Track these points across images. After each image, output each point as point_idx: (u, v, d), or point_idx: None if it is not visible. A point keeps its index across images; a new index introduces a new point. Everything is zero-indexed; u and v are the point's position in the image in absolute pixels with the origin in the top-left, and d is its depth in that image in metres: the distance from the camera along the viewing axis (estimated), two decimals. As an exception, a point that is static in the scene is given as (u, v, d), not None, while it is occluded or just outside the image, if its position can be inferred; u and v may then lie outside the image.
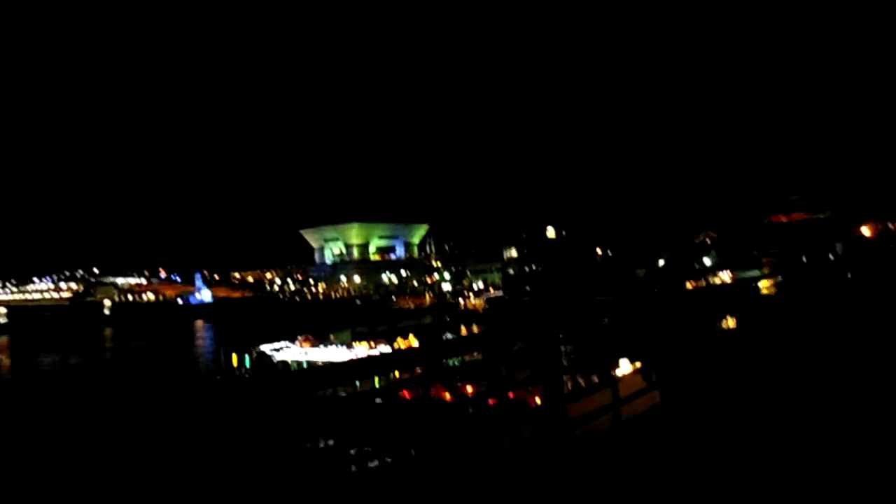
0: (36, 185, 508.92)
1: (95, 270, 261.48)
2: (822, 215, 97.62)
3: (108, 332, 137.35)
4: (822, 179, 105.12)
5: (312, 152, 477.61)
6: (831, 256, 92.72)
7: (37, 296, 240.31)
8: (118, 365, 76.23)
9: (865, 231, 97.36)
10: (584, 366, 28.73)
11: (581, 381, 28.42)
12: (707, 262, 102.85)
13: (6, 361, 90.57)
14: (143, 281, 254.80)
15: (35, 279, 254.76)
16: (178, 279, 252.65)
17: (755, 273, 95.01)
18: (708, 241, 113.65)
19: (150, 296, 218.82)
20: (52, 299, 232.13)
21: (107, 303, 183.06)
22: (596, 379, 27.88)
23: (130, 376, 63.04)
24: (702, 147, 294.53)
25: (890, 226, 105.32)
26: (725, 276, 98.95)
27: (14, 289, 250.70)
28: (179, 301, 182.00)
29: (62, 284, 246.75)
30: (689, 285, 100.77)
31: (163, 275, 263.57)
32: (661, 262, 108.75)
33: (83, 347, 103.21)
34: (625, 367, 27.99)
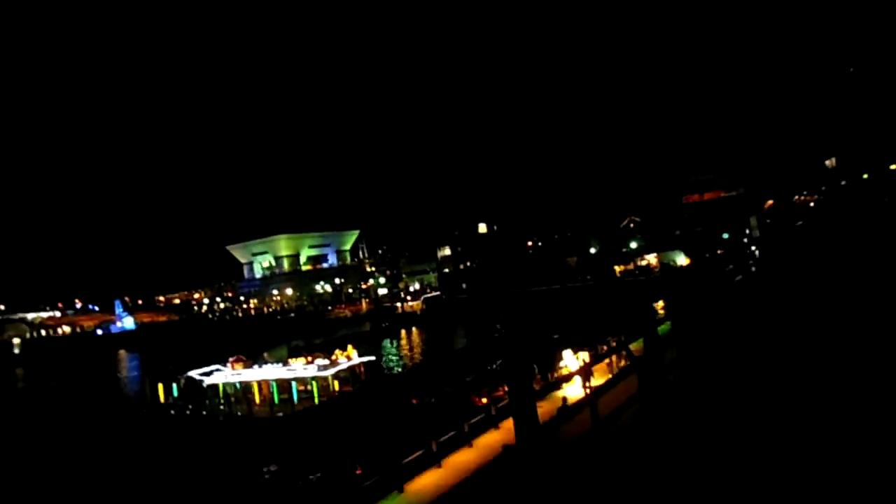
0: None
1: (1, 307, 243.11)
2: (735, 192, 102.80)
3: (19, 372, 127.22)
4: (733, 158, 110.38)
5: (233, 166, 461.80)
6: (748, 231, 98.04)
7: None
8: (28, 408, 70.48)
9: (772, 205, 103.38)
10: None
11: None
12: (633, 245, 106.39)
13: None
14: (57, 314, 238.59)
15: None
16: (97, 308, 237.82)
17: (679, 254, 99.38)
18: (632, 225, 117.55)
19: (66, 329, 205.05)
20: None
21: (16, 341, 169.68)
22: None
23: (41, 420, 58.39)
24: (617, 134, 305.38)
25: (796, 199, 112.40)
26: (652, 258, 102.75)
27: None
28: (99, 332, 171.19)
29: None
30: (617, 269, 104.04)
31: (79, 305, 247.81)
32: (592, 250, 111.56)
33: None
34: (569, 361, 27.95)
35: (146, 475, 32.56)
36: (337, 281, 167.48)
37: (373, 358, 41.90)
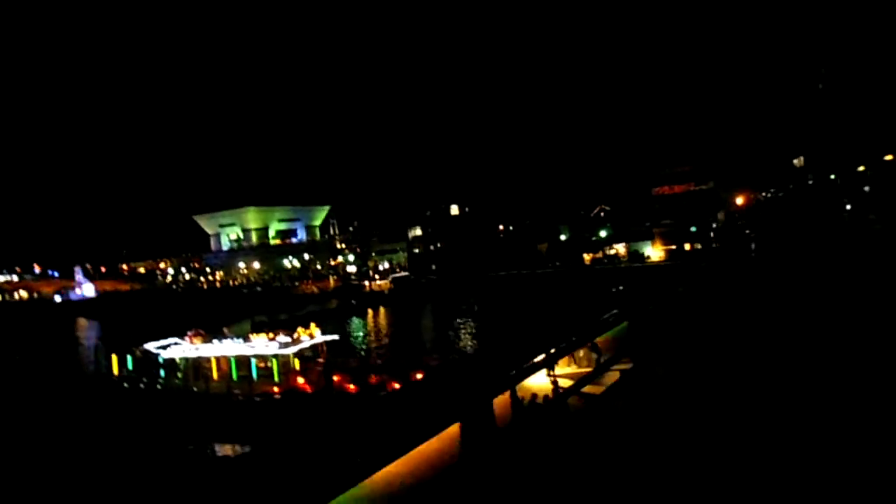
0: None
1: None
2: (705, 186, 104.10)
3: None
4: (706, 151, 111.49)
5: (205, 134, 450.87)
6: (714, 225, 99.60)
7: None
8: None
9: (740, 200, 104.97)
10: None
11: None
12: (603, 234, 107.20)
13: None
14: (14, 278, 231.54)
15: None
16: (56, 274, 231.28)
17: (647, 245, 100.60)
18: (602, 213, 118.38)
19: (23, 293, 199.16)
20: None
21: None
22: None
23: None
24: (592, 121, 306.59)
25: (761, 196, 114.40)
26: (620, 247, 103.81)
27: None
28: (58, 298, 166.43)
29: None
30: (587, 257, 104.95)
31: (38, 270, 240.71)
32: (563, 237, 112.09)
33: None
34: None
35: (89, 450, 31.66)
36: (306, 256, 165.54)
37: (336, 337, 41.28)
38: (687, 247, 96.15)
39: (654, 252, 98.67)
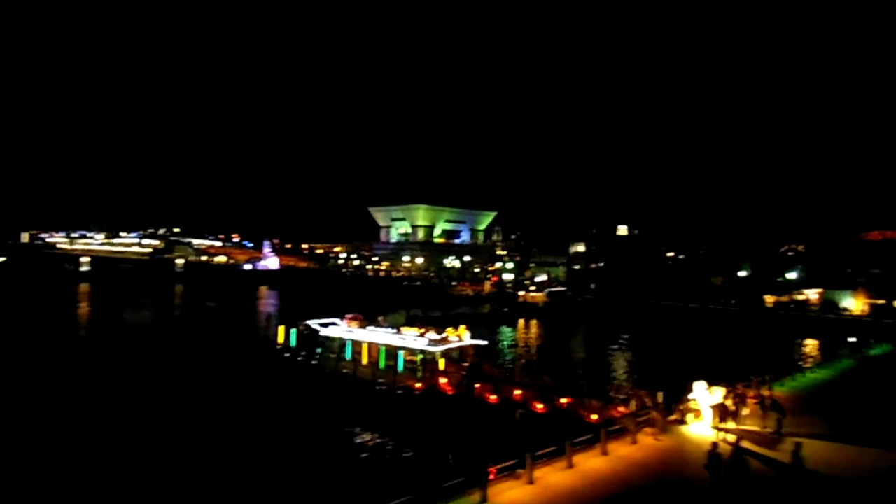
0: (139, 145, 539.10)
1: (176, 230, 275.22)
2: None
3: (178, 288, 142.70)
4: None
5: (386, 131, 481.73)
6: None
7: (122, 249, 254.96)
8: (190, 324, 78.30)
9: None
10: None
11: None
12: (792, 276, 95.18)
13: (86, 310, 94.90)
14: (218, 244, 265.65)
15: (123, 233, 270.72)
16: (250, 245, 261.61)
17: (846, 294, 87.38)
18: (791, 253, 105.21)
19: (222, 258, 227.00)
20: (134, 253, 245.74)
21: (179, 262, 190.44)
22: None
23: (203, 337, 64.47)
24: (795, 148, 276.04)
25: None
26: (812, 293, 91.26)
27: (103, 240, 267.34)
28: (247, 266, 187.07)
29: (145, 241, 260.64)
30: (769, 299, 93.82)
31: (236, 239, 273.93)
32: (742, 273, 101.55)
33: (157, 302, 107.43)
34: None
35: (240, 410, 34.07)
36: (466, 258, 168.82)
37: (485, 342, 40.68)
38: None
39: (855, 304, 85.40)
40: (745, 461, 17.57)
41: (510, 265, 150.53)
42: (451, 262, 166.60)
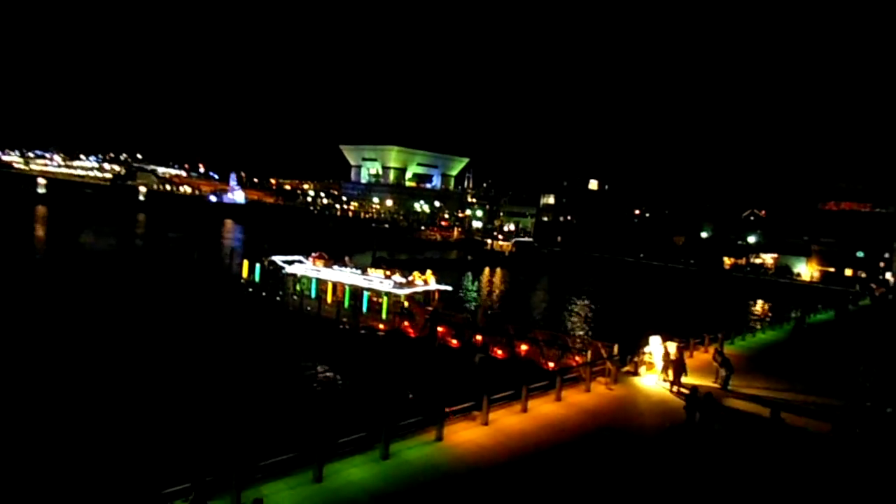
0: (98, 63, 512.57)
1: (139, 156, 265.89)
2: (884, 210, 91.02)
3: (140, 217, 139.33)
4: (890, 171, 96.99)
5: (362, 69, 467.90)
6: (887, 255, 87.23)
7: (81, 172, 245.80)
8: (152, 253, 76.84)
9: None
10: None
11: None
12: (751, 239, 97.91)
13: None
14: (183, 173, 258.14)
15: (82, 156, 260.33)
16: (216, 176, 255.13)
17: (800, 260, 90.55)
18: (753, 217, 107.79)
19: (187, 189, 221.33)
20: (94, 178, 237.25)
21: (142, 189, 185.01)
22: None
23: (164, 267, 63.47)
24: (761, 114, 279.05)
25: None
26: (768, 258, 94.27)
27: (61, 163, 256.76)
28: (213, 198, 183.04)
29: (106, 165, 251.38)
30: (727, 261, 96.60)
31: (202, 169, 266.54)
32: (704, 234, 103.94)
33: (118, 229, 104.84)
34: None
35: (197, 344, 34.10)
36: (436, 203, 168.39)
37: (450, 288, 41.12)
38: (848, 272, 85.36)
39: (807, 270, 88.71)
40: (719, 405, 18.82)
41: (480, 213, 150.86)
42: (420, 206, 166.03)
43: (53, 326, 34.94)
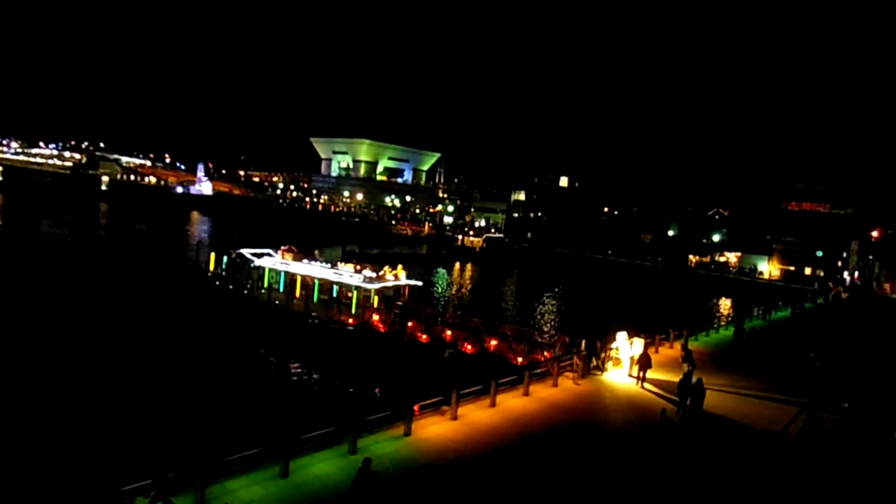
0: (60, 48, 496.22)
1: (102, 145, 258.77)
2: (842, 210, 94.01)
3: (103, 207, 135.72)
4: (849, 173, 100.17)
5: (333, 61, 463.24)
6: (844, 255, 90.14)
7: (40, 160, 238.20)
8: (114, 244, 74.74)
9: (875, 233, 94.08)
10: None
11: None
12: (716, 238, 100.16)
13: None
14: (147, 163, 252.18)
15: (41, 144, 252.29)
16: (183, 167, 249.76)
17: (763, 259, 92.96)
18: (717, 216, 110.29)
19: (152, 179, 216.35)
20: (53, 166, 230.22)
21: (105, 178, 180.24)
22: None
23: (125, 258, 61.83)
24: (726, 116, 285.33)
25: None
26: (732, 256, 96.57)
27: (18, 149, 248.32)
28: (179, 189, 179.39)
29: (66, 153, 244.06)
30: (692, 259, 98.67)
31: (168, 160, 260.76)
32: (670, 232, 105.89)
33: (79, 219, 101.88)
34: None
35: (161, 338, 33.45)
36: (407, 198, 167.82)
37: (420, 283, 41.03)
38: (808, 271, 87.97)
39: (769, 269, 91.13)
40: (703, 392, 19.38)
41: (451, 208, 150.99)
42: (391, 200, 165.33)
43: (5, 320, 33.81)
